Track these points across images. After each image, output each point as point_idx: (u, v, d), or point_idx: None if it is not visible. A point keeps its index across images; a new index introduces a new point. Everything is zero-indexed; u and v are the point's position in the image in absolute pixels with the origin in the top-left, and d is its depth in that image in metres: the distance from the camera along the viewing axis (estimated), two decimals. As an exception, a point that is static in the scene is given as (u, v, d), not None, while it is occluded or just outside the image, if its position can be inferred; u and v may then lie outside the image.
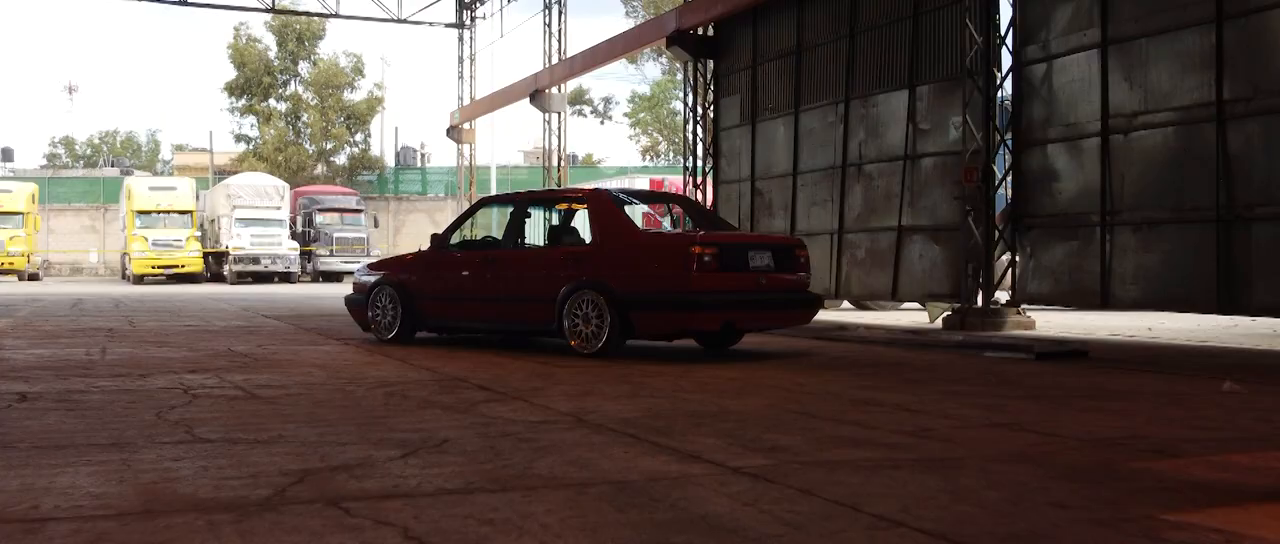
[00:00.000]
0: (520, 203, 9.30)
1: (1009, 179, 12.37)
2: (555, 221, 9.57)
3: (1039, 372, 7.36)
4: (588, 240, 8.75)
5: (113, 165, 64.81)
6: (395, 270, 9.95)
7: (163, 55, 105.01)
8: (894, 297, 13.64)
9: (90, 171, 60.12)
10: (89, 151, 75.59)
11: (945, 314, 12.50)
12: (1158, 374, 7.30)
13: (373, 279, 10.01)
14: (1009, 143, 12.20)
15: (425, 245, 9.85)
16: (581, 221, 9.54)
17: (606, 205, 8.60)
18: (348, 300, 10.41)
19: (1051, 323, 12.58)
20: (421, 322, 9.60)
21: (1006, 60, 12.21)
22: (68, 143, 75.13)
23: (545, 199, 9.80)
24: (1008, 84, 12.25)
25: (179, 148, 68.65)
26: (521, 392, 5.96)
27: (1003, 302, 12.42)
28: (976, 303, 12.14)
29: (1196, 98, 9.88)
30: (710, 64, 18.09)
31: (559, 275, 8.43)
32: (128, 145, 77.28)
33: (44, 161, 68.79)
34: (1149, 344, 10.14)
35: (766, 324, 8.89)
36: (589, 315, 8.15)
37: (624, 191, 9.19)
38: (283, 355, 8.28)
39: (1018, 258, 12.03)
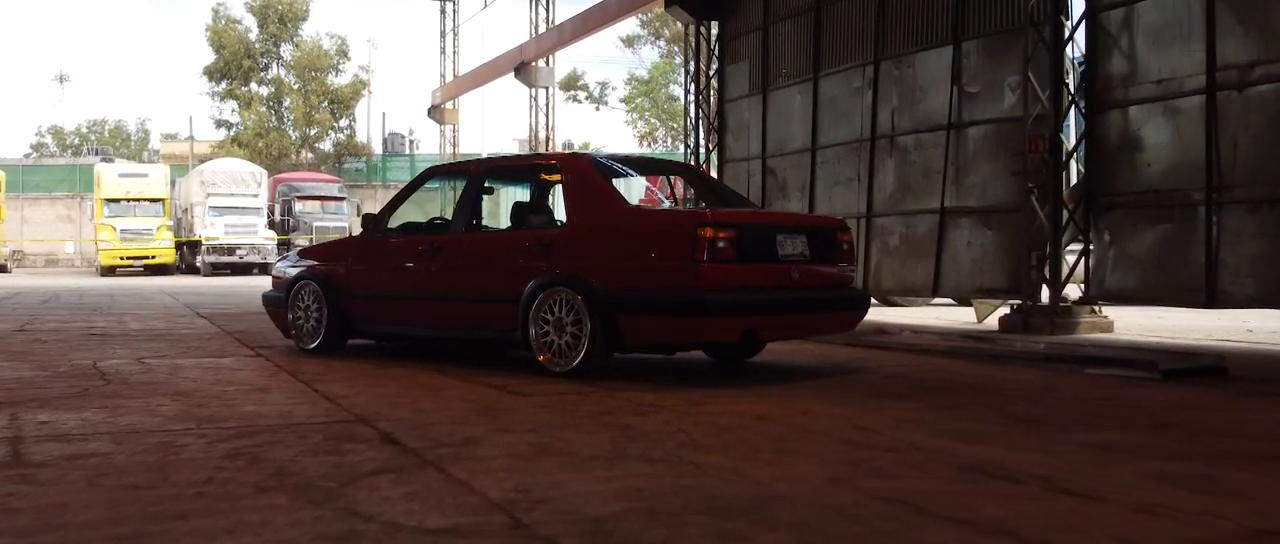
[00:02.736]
0: (477, 174, 7.16)
1: (1080, 150, 10.25)
2: (523, 197, 7.44)
3: (1188, 401, 5.26)
4: (563, 222, 6.65)
5: (95, 153, 62.60)
6: (324, 260, 7.84)
7: (154, 44, 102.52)
8: (936, 292, 11.52)
9: (70, 160, 57.86)
10: (77, 141, 73.31)
11: (1002, 313, 10.40)
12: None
13: (295, 272, 7.90)
14: (1081, 106, 10.06)
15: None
16: (559, 200, 7.41)
17: (587, 175, 6.47)
18: (265, 299, 8.29)
19: (1131, 323, 10.45)
20: (353, 326, 7.49)
21: (1076, 6, 10.09)
22: (57, 132, 72.89)
23: (509, 169, 7.66)
24: (1078, 36, 10.11)
25: (169, 137, 66.46)
26: (442, 447, 3.86)
27: (1073, 298, 10.28)
28: (1041, 299, 10.04)
29: (1339, 40, 7.78)
30: (714, 28, 15.95)
31: (524, 267, 6.31)
32: (116, 134, 74.96)
33: (30, 151, 66.58)
34: None
35: (800, 332, 6.80)
36: (562, 321, 6.05)
37: (613, 158, 7.05)
38: (153, 376, 6.17)
39: (1092, 245, 9.90)
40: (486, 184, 7.34)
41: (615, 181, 6.81)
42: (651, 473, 3.43)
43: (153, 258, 32.57)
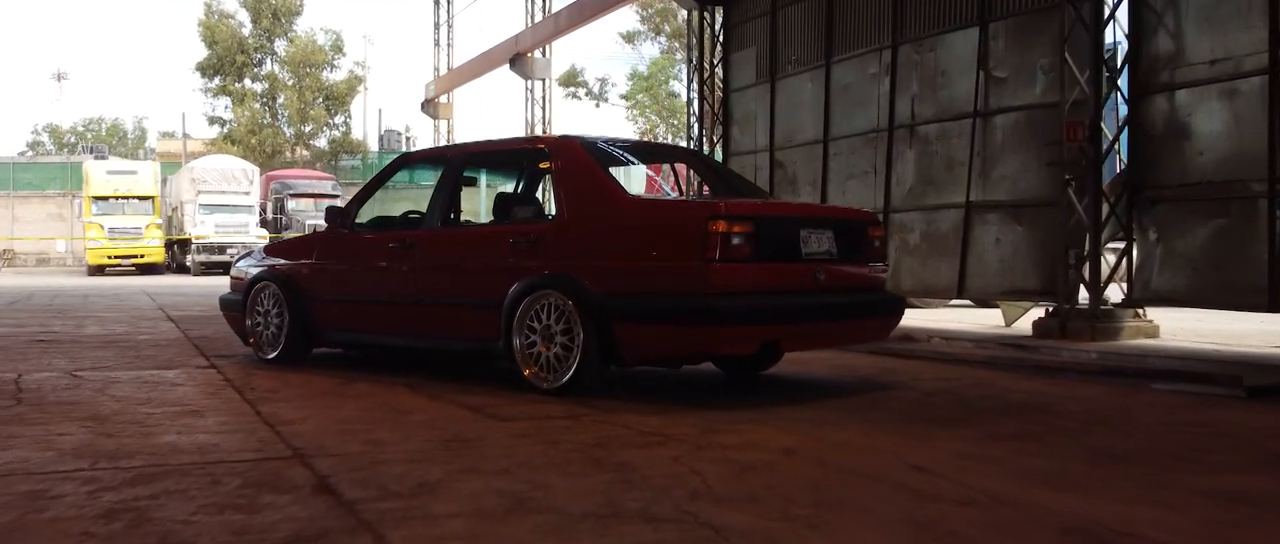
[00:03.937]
0: (455, 160, 6.30)
1: (1122, 138, 9.39)
2: (508, 188, 6.58)
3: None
4: (553, 214, 5.80)
5: (90, 151, 61.75)
6: (287, 259, 6.99)
7: (153, 41, 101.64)
8: (961, 292, 10.65)
9: (62, 157, 57.00)
10: (74, 140, 72.52)
11: (1034, 317, 9.54)
12: None
13: (255, 272, 7.04)
14: (1123, 90, 9.20)
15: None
16: (550, 190, 6.56)
17: (580, 160, 5.61)
18: (222, 302, 7.43)
19: (1175, 327, 9.57)
20: (318, 334, 6.63)
21: (1117, -19, 9.22)
22: (54, 131, 72.15)
23: (493, 155, 6.79)
24: (1119, 14, 9.25)
25: (166, 135, 65.73)
26: (388, 499, 3.00)
27: (1114, 300, 9.41)
28: (1078, 302, 9.17)
29: None
30: (718, 14, 15.08)
31: (508, 267, 5.46)
32: (113, 132, 74.19)
33: (26, 149, 65.80)
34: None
35: (826, 342, 5.93)
36: (551, 330, 5.19)
37: (610, 141, 6.19)
38: (77, 393, 5.32)
39: (1136, 242, 9.04)
40: (467, 173, 6.48)
41: (613, 169, 5.95)
42: (657, 542, 2.58)
43: (142, 257, 31.88)
